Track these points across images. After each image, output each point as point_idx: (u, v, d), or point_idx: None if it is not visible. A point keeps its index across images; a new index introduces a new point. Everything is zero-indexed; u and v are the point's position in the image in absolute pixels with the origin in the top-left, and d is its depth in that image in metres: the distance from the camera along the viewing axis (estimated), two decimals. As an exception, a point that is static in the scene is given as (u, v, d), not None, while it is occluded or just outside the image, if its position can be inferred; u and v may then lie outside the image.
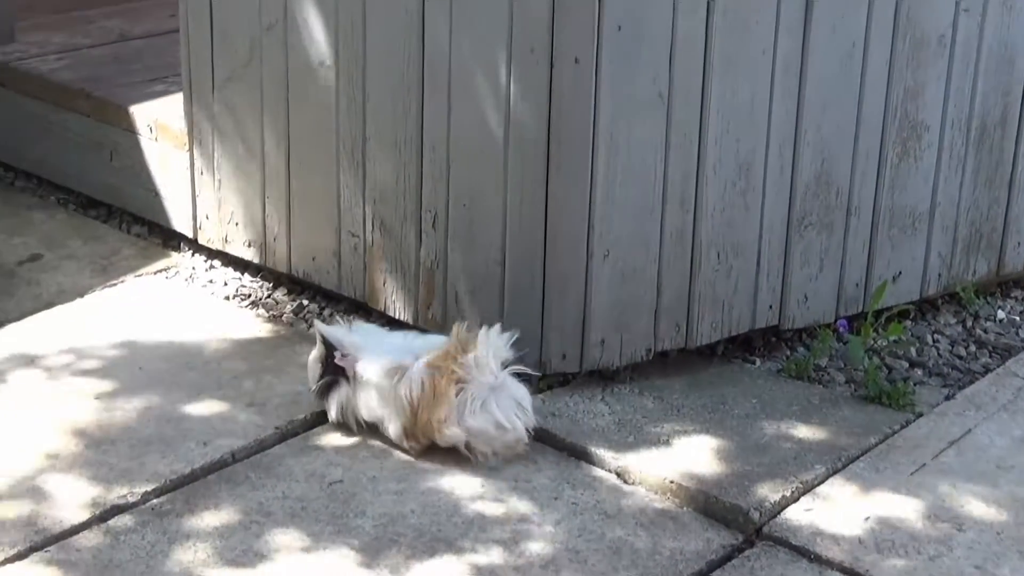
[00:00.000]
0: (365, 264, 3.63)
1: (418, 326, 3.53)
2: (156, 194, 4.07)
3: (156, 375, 3.44)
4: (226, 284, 3.91)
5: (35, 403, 3.31)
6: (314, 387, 3.22)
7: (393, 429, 3.16)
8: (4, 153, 4.48)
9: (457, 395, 3.09)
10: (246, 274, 3.95)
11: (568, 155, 3.23)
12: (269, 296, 3.84)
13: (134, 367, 3.47)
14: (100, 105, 4.17)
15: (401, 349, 3.21)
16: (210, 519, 2.93)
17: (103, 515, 2.92)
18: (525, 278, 3.36)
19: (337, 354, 3.19)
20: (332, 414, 3.22)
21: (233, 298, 3.84)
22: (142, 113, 4.07)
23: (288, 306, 3.80)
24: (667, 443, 3.24)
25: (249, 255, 3.89)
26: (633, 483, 3.13)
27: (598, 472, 3.16)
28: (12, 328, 3.64)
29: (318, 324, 3.25)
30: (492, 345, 3.11)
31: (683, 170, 3.34)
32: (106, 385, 3.38)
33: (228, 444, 3.17)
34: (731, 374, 3.56)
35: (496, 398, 3.12)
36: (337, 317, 3.44)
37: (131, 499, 2.97)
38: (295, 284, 3.87)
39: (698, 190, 3.37)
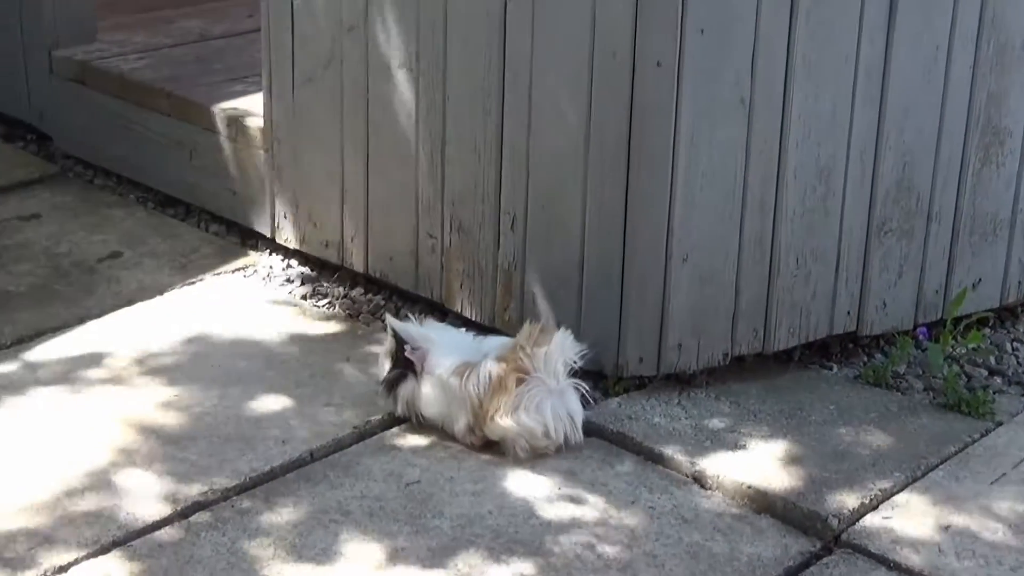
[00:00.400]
0: (442, 265, 3.64)
1: (494, 328, 3.54)
2: (234, 193, 4.10)
3: (235, 373, 3.46)
4: (303, 283, 3.93)
5: (115, 399, 3.34)
6: (382, 380, 3.26)
7: (458, 426, 3.20)
8: (84, 151, 4.53)
9: (522, 389, 3.11)
10: (323, 274, 3.97)
11: (649, 159, 3.23)
12: (346, 296, 3.86)
13: (213, 365, 3.50)
14: (180, 104, 4.21)
15: (471, 348, 3.26)
16: (289, 517, 2.95)
17: (184, 511, 2.95)
18: (603, 281, 3.36)
19: (407, 347, 3.22)
20: (398, 408, 3.26)
21: (310, 297, 3.86)
22: (222, 113, 4.10)
23: (365, 306, 3.82)
24: (744, 448, 3.23)
25: (326, 255, 3.91)
26: (710, 488, 3.12)
27: (675, 476, 3.16)
28: (93, 324, 3.67)
29: (389, 319, 3.29)
30: (563, 348, 3.14)
31: (763, 175, 3.33)
32: (186, 382, 3.41)
33: (306, 443, 3.19)
34: (808, 380, 3.54)
35: (553, 403, 3.14)
36: (410, 315, 3.46)
37: (211, 496, 3.00)
38: (372, 284, 3.88)
39: (778, 195, 3.36)
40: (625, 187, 3.27)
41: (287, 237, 3.99)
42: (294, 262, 4.03)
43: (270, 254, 4.07)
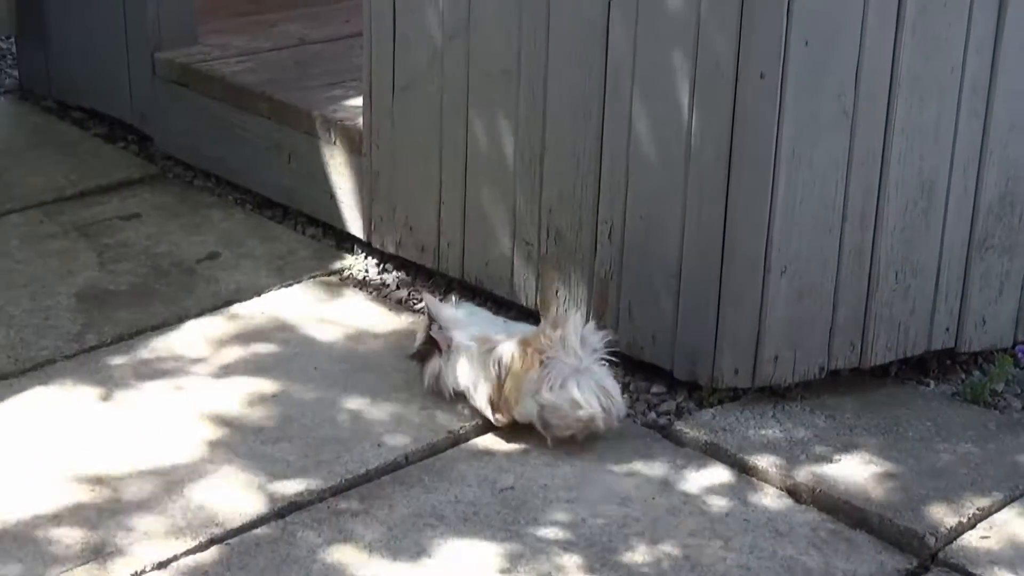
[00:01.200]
0: (538, 273, 3.65)
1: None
2: (332, 196, 4.13)
3: (331, 375, 3.49)
4: (398, 287, 3.95)
5: (213, 397, 3.38)
6: (411, 354, 3.42)
7: (480, 398, 3.27)
8: (185, 152, 4.58)
9: (542, 370, 3.17)
10: (418, 278, 3.99)
11: (749, 170, 3.22)
12: (442, 301, 3.87)
13: (309, 367, 3.52)
14: (280, 108, 4.24)
15: (498, 327, 3.36)
16: (384, 520, 2.97)
17: (280, 511, 2.98)
18: (700, 292, 3.35)
19: (435, 326, 3.33)
20: (425, 381, 3.38)
21: (405, 302, 3.88)
22: (321, 116, 4.13)
23: (459, 312, 3.83)
24: (839, 462, 3.21)
25: (422, 259, 3.93)
26: (804, 501, 3.10)
27: (769, 489, 3.14)
28: (191, 324, 3.72)
29: (425, 295, 3.49)
30: (577, 328, 3.20)
31: (864, 188, 3.31)
32: (282, 384, 3.44)
33: (402, 446, 3.21)
34: (905, 396, 3.51)
35: (578, 379, 3.18)
36: (452, 297, 3.61)
37: (307, 496, 3.03)
38: (467, 290, 3.89)
39: (878, 208, 3.34)
40: (725, 198, 3.26)
41: (383, 241, 4.01)
42: (390, 266, 4.05)
43: (366, 258, 4.10)
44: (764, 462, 3.20)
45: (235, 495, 3.01)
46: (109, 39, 4.75)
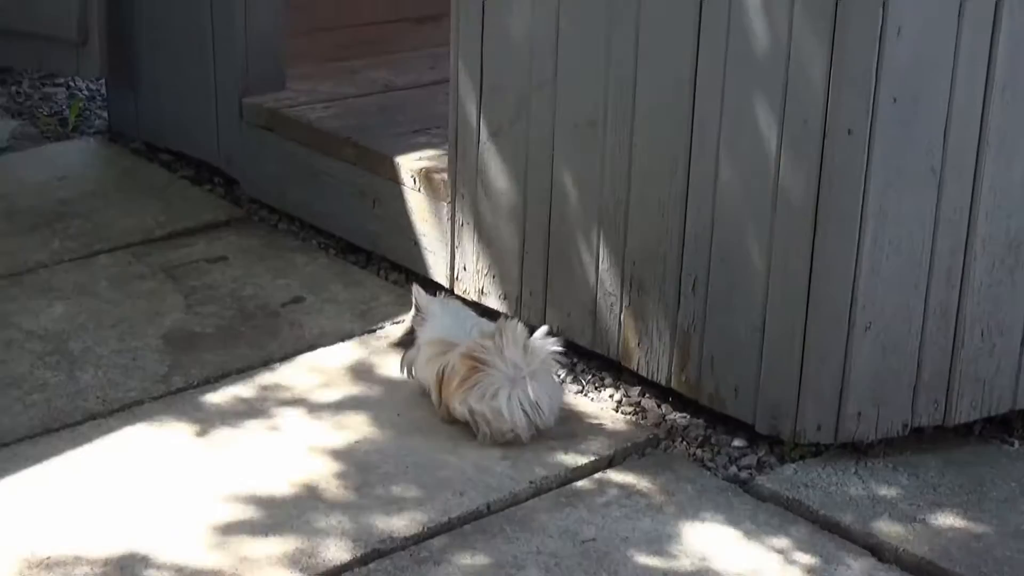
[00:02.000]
0: (620, 323, 3.66)
1: (669, 388, 3.56)
2: (415, 243, 4.17)
3: (415, 422, 3.51)
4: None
5: (295, 442, 3.41)
6: (394, 341, 3.75)
7: (432, 394, 3.47)
8: (270, 196, 4.63)
9: (476, 376, 3.33)
10: (500, 326, 4.01)
11: (835, 225, 3.22)
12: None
13: (392, 413, 3.55)
14: (365, 154, 4.29)
15: (465, 327, 3.54)
16: (466, 569, 2.98)
17: (364, 557, 3.00)
18: (783, 345, 3.35)
19: (418, 317, 3.59)
20: (403, 369, 3.61)
21: (487, 349, 3.90)
22: (406, 163, 4.17)
23: (541, 360, 3.84)
24: (922, 521, 3.19)
25: (504, 308, 3.95)
26: (887, 560, 3.08)
27: (851, 546, 3.12)
28: (276, 367, 3.75)
29: (415, 287, 3.66)
30: (520, 338, 3.35)
31: (951, 245, 3.30)
32: (366, 429, 3.47)
33: (483, 495, 3.22)
34: (989, 455, 3.48)
35: (509, 391, 3.32)
36: (442, 294, 3.79)
37: (390, 543, 3.04)
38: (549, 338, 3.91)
39: (965, 266, 3.32)
40: (810, 253, 3.26)
41: (466, 288, 4.04)
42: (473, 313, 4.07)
43: (448, 305, 4.12)
44: (846, 519, 3.18)
45: (316, 541, 3.03)
46: (198, 83, 4.82)
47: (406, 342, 3.65)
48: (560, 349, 3.45)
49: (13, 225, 4.51)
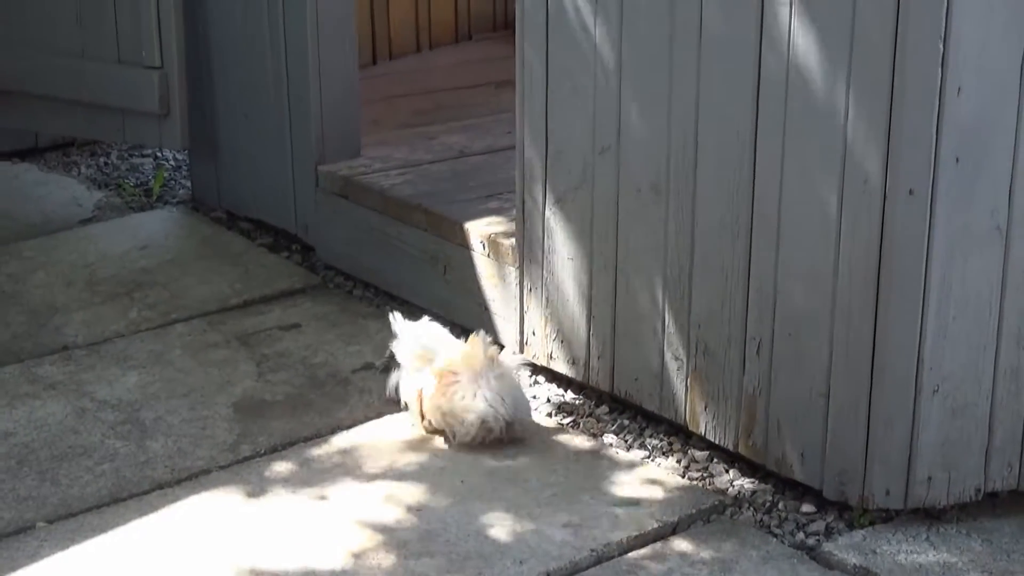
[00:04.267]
0: (687, 387, 3.63)
1: (737, 453, 3.51)
2: (485, 308, 4.17)
3: (476, 489, 3.50)
4: (549, 400, 3.96)
5: (359, 511, 3.41)
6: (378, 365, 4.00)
7: (412, 411, 3.75)
8: (345, 263, 4.67)
9: (448, 388, 3.63)
10: (569, 391, 3.99)
11: (899, 287, 3.17)
12: (591, 414, 3.87)
13: (456, 479, 3.54)
14: (435, 220, 4.31)
15: (441, 348, 3.75)
16: (523, 639, 2.96)
17: (421, 627, 2.99)
18: (849, 410, 3.29)
19: (397, 342, 3.81)
20: (387, 391, 3.86)
21: (555, 415, 3.88)
22: (475, 229, 4.18)
23: (609, 425, 3.82)
24: (995, 590, 3.12)
25: (572, 372, 3.93)
26: (958, 630, 3.02)
27: (921, 616, 3.06)
28: (343, 436, 3.77)
29: (393, 315, 3.85)
30: (483, 352, 3.66)
31: (1019, 306, 3.24)
32: (428, 496, 3.46)
33: (543, 564, 3.19)
34: (1066, 519, 3.40)
35: (475, 391, 3.62)
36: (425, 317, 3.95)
37: (448, 613, 3.03)
38: (617, 403, 3.89)
39: (1035, 326, 3.26)
40: (874, 315, 3.21)
41: (535, 353, 4.03)
42: (541, 378, 4.06)
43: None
44: (916, 588, 3.12)
45: (376, 610, 3.03)
46: (275, 152, 4.88)
47: (389, 366, 3.88)
48: (525, 365, 3.86)
49: (94, 295, 4.59)
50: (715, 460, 3.63)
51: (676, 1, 3.42)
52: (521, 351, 4.07)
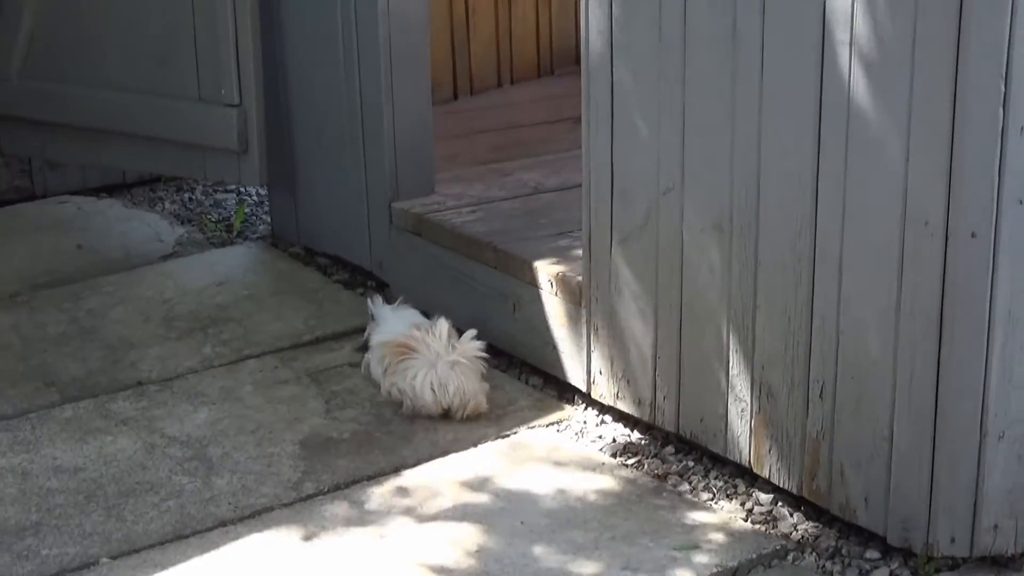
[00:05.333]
0: (751, 429, 3.59)
1: (801, 497, 3.47)
2: (553, 347, 4.16)
3: (537, 530, 3.48)
4: (614, 440, 3.93)
5: (420, 548, 3.41)
6: (358, 346, 4.32)
7: (382, 386, 4.09)
8: (418, 300, 4.65)
9: (403, 360, 3.99)
10: (635, 431, 3.97)
11: (962, 330, 3.11)
12: (656, 455, 3.84)
13: (516, 520, 3.53)
14: (505, 258, 4.31)
15: (406, 326, 4.12)
16: None
17: (471, 671, 2.98)
18: (913, 455, 3.24)
19: (372, 324, 4.21)
20: (362, 369, 4.22)
21: (620, 455, 3.86)
22: (544, 268, 4.17)
23: (674, 466, 3.79)
24: (1063, 641, 3.04)
25: (638, 413, 3.91)
26: None
27: (984, 668, 2.99)
28: (407, 474, 3.77)
29: (373, 296, 4.34)
30: (444, 333, 4.04)
31: (1089, 349, 3.17)
32: (486, 537, 3.45)
33: (599, 607, 3.18)
34: None
35: (425, 373, 3.95)
36: (401, 302, 4.37)
37: (500, 657, 3.02)
38: (683, 444, 3.86)
39: (1105, 371, 3.18)
40: (937, 359, 3.15)
41: (602, 393, 4.01)
42: (608, 418, 4.04)
43: (585, 409, 4.10)
44: (980, 638, 3.06)
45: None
46: (351, 189, 4.92)
47: (364, 347, 4.23)
48: (483, 350, 4.08)
49: (170, 330, 4.64)
50: (779, 503, 3.58)
51: (739, 41, 3.39)
52: (588, 391, 4.06)
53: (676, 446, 3.87)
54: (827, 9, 3.18)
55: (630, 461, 3.83)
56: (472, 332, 4.12)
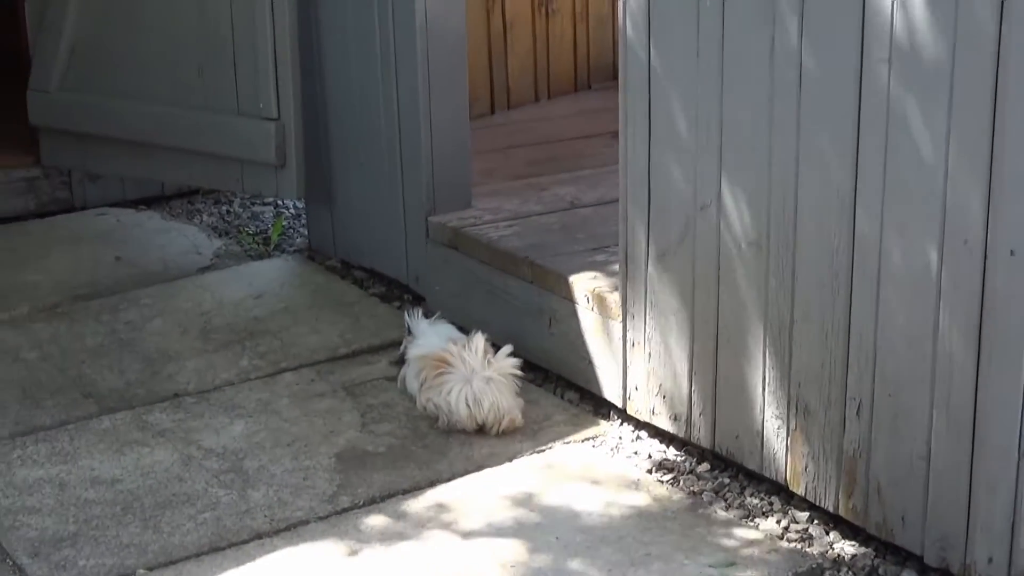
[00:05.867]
0: (787, 447, 3.58)
1: (837, 515, 3.45)
2: (589, 362, 4.16)
3: (571, 546, 3.48)
4: (650, 456, 3.93)
5: (452, 565, 3.41)
6: (394, 360, 4.35)
7: (418, 401, 4.10)
8: (454, 313, 4.67)
9: (439, 376, 4.01)
10: (671, 447, 3.96)
11: (1000, 350, 3.09)
12: (691, 472, 3.83)
13: (550, 535, 3.52)
14: (541, 273, 4.31)
15: (442, 341, 4.13)
16: None
17: None
18: (950, 475, 3.22)
19: (409, 338, 4.24)
20: (398, 383, 4.24)
21: (655, 471, 3.85)
22: (580, 283, 4.17)
23: (709, 483, 3.77)
24: (1101, 664, 3.01)
25: (673, 429, 3.90)
26: None
27: None
28: (441, 488, 3.77)
29: (410, 311, 4.34)
30: (479, 349, 4.02)
31: None
32: (521, 552, 3.45)
33: (634, 624, 3.17)
34: None
35: (460, 389, 3.96)
36: (438, 316, 4.41)
37: (534, 673, 3.01)
38: (718, 460, 3.85)
39: None
40: (975, 377, 3.14)
41: (637, 409, 4.01)
42: (643, 434, 4.03)
43: (621, 424, 4.09)
44: (1017, 659, 3.03)
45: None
46: (388, 202, 4.94)
47: (401, 360, 4.27)
48: (519, 366, 4.08)
49: (208, 343, 4.66)
50: (816, 521, 3.57)
51: (776, 59, 3.39)
52: (624, 406, 4.05)
53: (712, 463, 3.86)
54: (866, 26, 3.18)
55: (665, 478, 3.82)
56: (508, 348, 4.11)
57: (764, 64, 3.42)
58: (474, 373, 4.00)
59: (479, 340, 4.06)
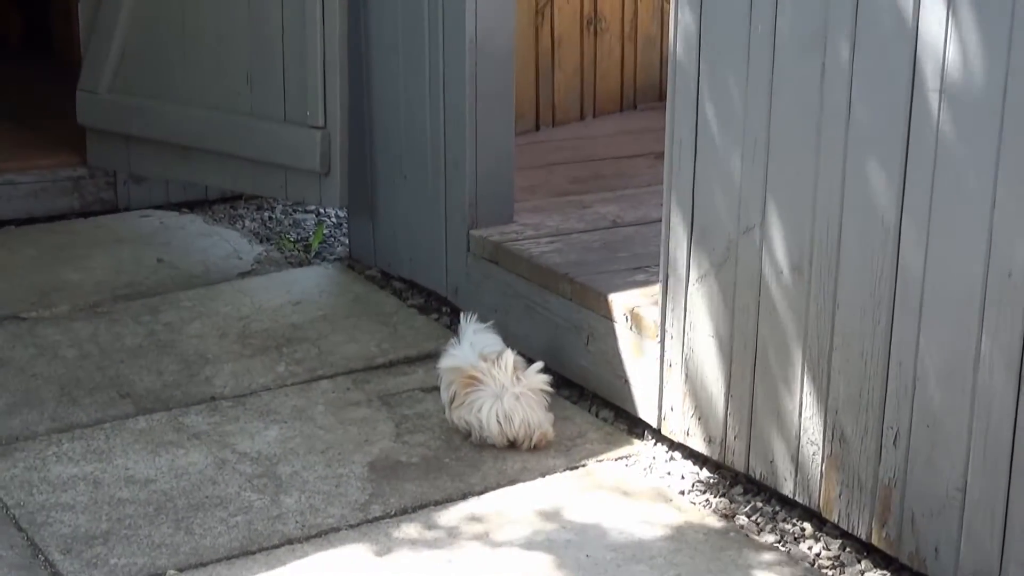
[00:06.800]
0: (822, 473, 3.56)
1: (869, 543, 3.43)
2: (625, 381, 4.15)
3: (602, 563, 3.47)
4: (683, 478, 3.92)
5: (484, 578, 3.42)
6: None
7: (447, 413, 4.12)
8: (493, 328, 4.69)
9: (470, 392, 4.01)
10: (704, 469, 3.95)
11: (1041, 384, 3.08)
12: (724, 494, 3.82)
13: (580, 553, 3.52)
14: (580, 290, 4.31)
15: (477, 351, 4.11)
16: None
17: None
18: (986, 507, 3.20)
19: (453, 341, 4.23)
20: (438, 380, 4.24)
21: (688, 492, 3.84)
22: (619, 301, 4.17)
23: (742, 507, 3.76)
24: None
25: (708, 451, 3.89)
26: None
27: None
28: (473, 501, 3.77)
29: (464, 315, 4.30)
30: (509, 365, 4.02)
31: None
32: (550, 569, 3.45)
33: (662, 645, 3.16)
34: None
35: (491, 405, 3.97)
36: (489, 325, 4.34)
37: None
38: (752, 484, 3.84)
39: None
40: (1014, 411, 3.12)
41: (672, 429, 4.00)
42: (677, 455, 4.03)
43: (655, 444, 4.09)
44: None
45: None
46: (430, 215, 4.95)
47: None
48: (549, 382, 4.09)
49: (246, 348, 4.68)
50: (848, 549, 3.55)
51: (826, 83, 3.39)
52: (659, 426, 4.05)
53: (745, 486, 3.85)
54: (918, 58, 3.17)
55: (698, 499, 3.81)
56: (539, 364, 4.11)
57: (814, 89, 3.42)
58: (504, 390, 3.99)
59: (508, 356, 4.06)
